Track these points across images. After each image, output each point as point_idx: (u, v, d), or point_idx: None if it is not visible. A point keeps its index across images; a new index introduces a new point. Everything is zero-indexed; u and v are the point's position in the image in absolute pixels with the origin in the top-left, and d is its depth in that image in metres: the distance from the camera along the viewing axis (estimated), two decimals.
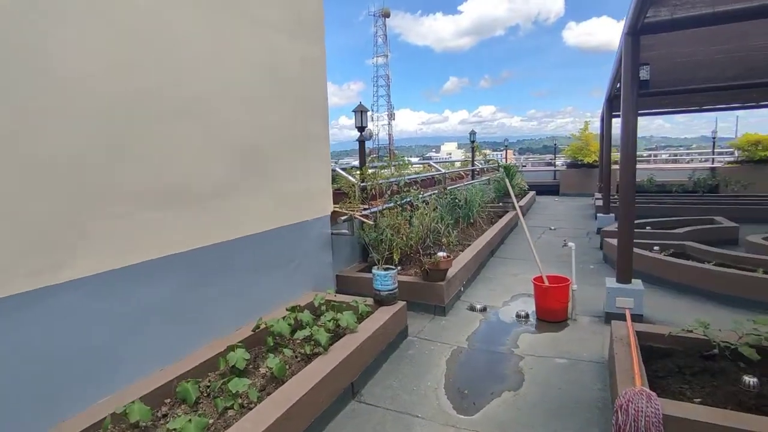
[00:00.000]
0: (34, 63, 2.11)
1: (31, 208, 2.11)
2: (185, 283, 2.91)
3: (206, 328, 3.06)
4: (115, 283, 2.47)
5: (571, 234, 8.72)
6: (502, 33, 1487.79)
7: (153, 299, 2.69)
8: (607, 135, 8.44)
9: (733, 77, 7.19)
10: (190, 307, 2.95)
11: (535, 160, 24.78)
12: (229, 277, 3.29)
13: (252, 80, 3.52)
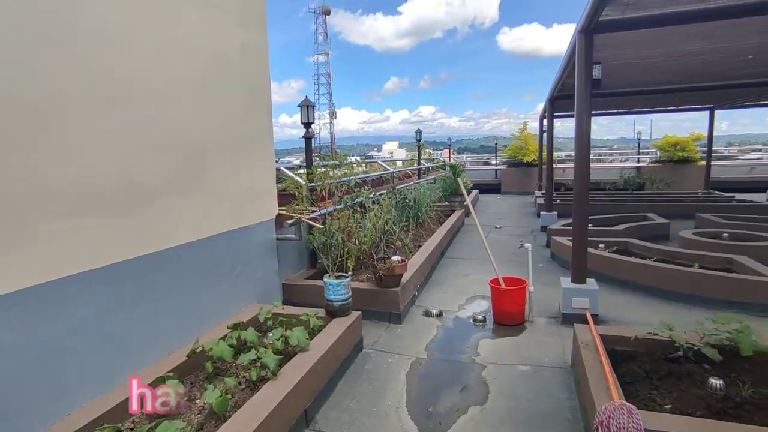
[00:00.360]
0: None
1: None
2: (105, 306, 2.44)
3: (132, 357, 2.59)
4: (9, 310, 1.98)
5: (516, 232, 8.85)
6: (440, 35, 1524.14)
7: (64, 328, 2.21)
8: (549, 135, 8.64)
9: (665, 81, 7.58)
10: (112, 334, 2.48)
11: (473, 160, 25.40)
12: (160, 293, 2.83)
13: (189, 66, 3.07)
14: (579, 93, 3.94)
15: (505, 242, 7.80)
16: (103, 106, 2.45)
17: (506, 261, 6.28)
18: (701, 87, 7.94)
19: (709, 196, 11.37)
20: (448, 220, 8.44)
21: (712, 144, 12.57)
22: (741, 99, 11.04)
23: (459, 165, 9.55)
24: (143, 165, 2.72)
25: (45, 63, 2.16)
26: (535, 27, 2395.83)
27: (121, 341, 2.54)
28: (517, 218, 10.74)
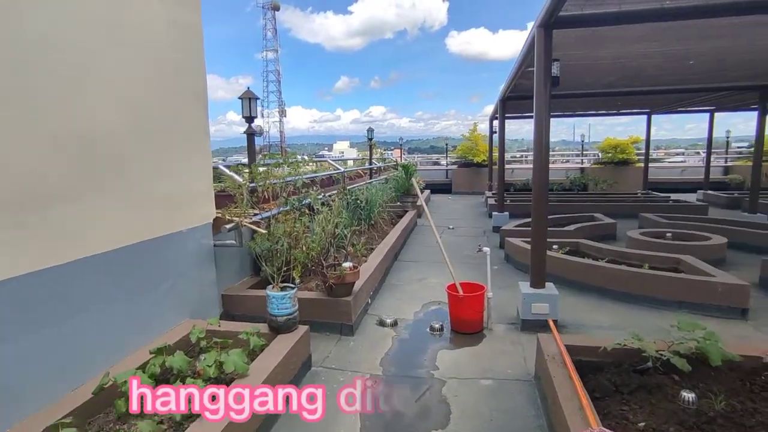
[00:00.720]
0: None
1: None
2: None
3: (20, 400, 2.10)
4: None
5: (469, 233, 8.77)
6: (390, 36, 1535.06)
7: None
8: (501, 136, 8.64)
9: (610, 84, 7.74)
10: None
11: (424, 160, 25.54)
12: (62, 316, 2.34)
13: (99, 41, 2.58)
14: (538, 91, 3.79)
15: (459, 243, 7.67)
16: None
17: (461, 263, 6.13)
18: (646, 91, 8.20)
19: (648, 196, 11.90)
20: (401, 221, 8.21)
21: (650, 147, 13.20)
22: (675, 104, 11.65)
23: (412, 165, 9.37)
24: (37, 163, 2.23)
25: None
26: (482, 31, 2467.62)
27: (4, 382, 2.05)
28: (470, 218, 10.71)
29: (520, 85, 7.40)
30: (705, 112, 12.56)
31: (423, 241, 7.90)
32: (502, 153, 8.78)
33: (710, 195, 12.38)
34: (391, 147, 73.22)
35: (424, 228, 9.17)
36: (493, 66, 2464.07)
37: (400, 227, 7.47)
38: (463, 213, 11.73)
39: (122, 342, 2.76)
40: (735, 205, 11.23)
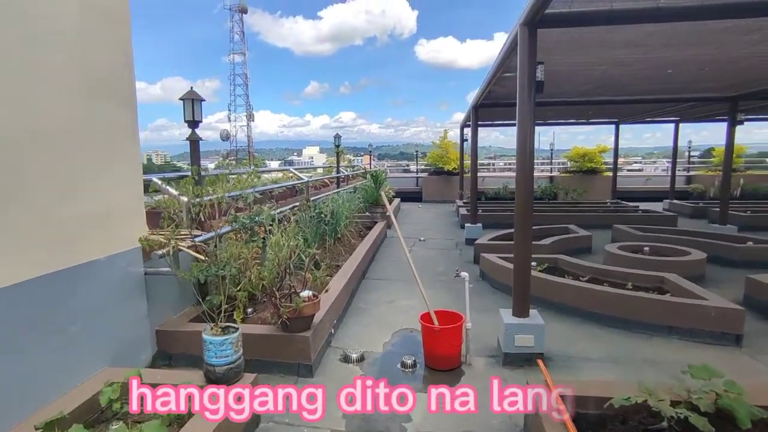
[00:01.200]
0: None
1: None
2: None
3: None
4: None
5: (441, 245, 8.36)
6: (360, 42, 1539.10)
7: None
8: (473, 143, 8.31)
9: (584, 93, 7.53)
10: None
11: (393, 167, 25.25)
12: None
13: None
14: (521, 97, 3.38)
15: (432, 258, 7.24)
16: None
17: (434, 282, 5.69)
18: (621, 101, 8.06)
19: (618, 206, 11.86)
20: (369, 233, 7.72)
21: (618, 156, 13.25)
22: (644, 114, 11.70)
23: (381, 173, 8.92)
24: None
25: None
26: (451, 40, 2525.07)
27: None
28: (441, 229, 10.33)
29: (494, 92, 7.07)
30: (670, 122, 12.70)
31: (393, 255, 7.43)
32: (474, 161, 8.43)
33: (676, 204, 12.48)
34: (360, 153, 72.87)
35: (394, 240, 8.71)
36: (461, 75, 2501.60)
37: (368, 241, 6.97)
38: (434, 223, 11.35)
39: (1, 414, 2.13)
40: (700, 215, 11.34)
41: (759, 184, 14.52)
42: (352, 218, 7.89)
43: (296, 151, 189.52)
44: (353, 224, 7.92)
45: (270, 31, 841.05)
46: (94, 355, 2.68)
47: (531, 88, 3.32)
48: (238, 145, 71.13)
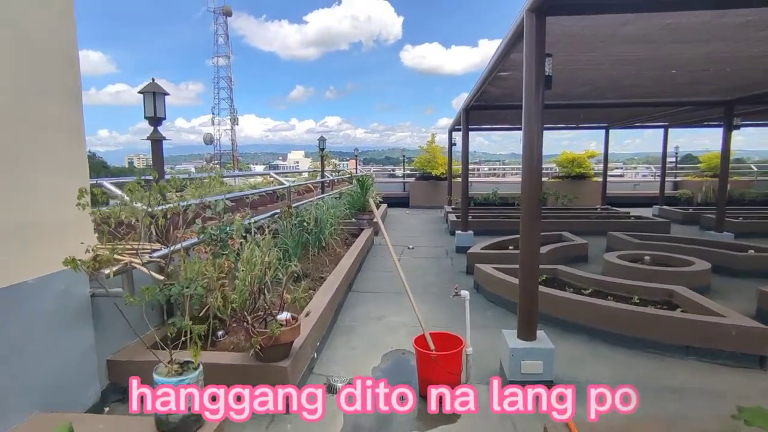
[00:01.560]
0: None
1: None
2: None
3: None
4: None
5: (431, 253, 7.97)
6: (346, 47, 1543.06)
7: None
8: (464, 147, 7.96)
9: (580, 95, 7.25)
10: None
11: (379, 171, 24.95)
12: None
13: None
14: (528, 93, 3.01)
15: (422, 267, 6.84)
16: None
17: (425, 294, 5.29)
18: (620, 104, 7.79)
19: (609, 212, 11.65)
20: (356, 242, 7.29)
21: (608, 161, 13.08)
22: (634, 119, 11.53)
23: (368, 178, 8.50)
24: None
25: None
26: (436, 46, 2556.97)
27: None
28: (430, 236, 9.94)
29: (487, 93, 6.73)
30: (659, 127, 12.58)
31: (380, 265, 7.00)
32: (465, 166, 8.07)
33: (666, 210, 12.33)
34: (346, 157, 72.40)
35: (381, 248, 8.29)
36: (446, 80, 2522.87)
37: (355, 250, 6.54)
38: (422, 229, 10.97)
39: None
40: (691, 221, 11.16)
41: (743, 189, 14.50)
42: (338, 225, 7.46)
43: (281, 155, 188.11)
44: (339, 232, 7.50)
45: (256, 35, 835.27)
46: (19, 399, 2.20)
47: (539, 84, 2.95)
48: (222, 149, 70.43)
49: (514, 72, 5.44)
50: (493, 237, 7.89)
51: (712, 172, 15.45)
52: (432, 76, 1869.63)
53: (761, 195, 13.98)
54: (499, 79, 5.81)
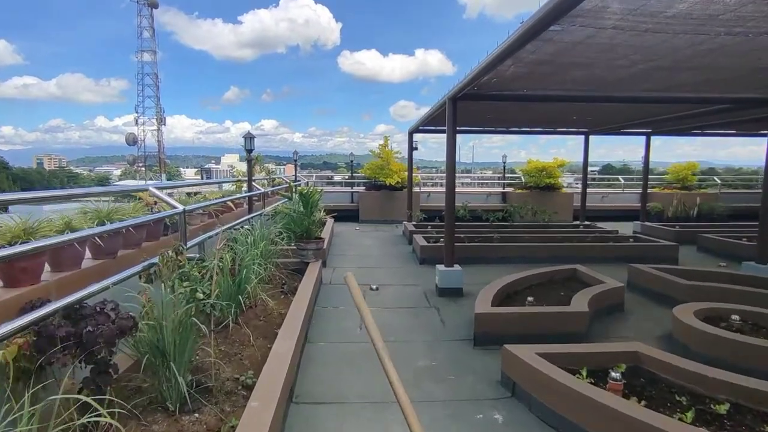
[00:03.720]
0: None
1: None
2: None
3: None
4: None
5: (405, 298, 5.71)
6: (283, 51, 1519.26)
7: None
8: (449, 149, 5.79)
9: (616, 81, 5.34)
10: None
11: (321, 176, 22.74)
12: None
13: None
14: None
15: (399, 330, 4.55)
16: None
17: (421, 395, 2.99)
18: (660, 98, 5.96)
19: (595, 231, 10.04)
20: (300, 288, 4.87)
21: (587, 171, 11.58)
22: (616, 125, 10.07)
23: (316, 192, 6.06)
24: None
25: None
26: (374, 53, 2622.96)
27: None
28: (394, 265, 7.67)
29: (498, 76, 4.62)
30: (640, 134, 11.27)
31: (336, 329, 4.63)
32: (451, 175, 5.90)
33: (651, 228, 10.98)
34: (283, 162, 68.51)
35: (333, 289, 5.92)
36: (384, 88, 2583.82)
37: (297, 307, 4.13)
38: (381, 254, 8.68)
39: None
40: (686, 241, 9.71)
41: (711, 203, 13.69)
42: (269, 265, 5.02)
43: (214, 158, 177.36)
44: (273, 272, 5.07)
45: (186, 32, 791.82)
46: None
47: None
48: (147, 151, 64.62)
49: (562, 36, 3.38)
50: (478, 267, 5.96)
51: (681, 183, 14.60)
52: (370, 83, 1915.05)
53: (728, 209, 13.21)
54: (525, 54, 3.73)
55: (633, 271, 6.16)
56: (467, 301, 5.54)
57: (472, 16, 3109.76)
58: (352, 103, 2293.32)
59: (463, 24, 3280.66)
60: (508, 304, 4.76)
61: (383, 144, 13.52)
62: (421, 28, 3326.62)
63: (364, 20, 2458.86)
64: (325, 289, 6.07)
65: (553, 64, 4.33)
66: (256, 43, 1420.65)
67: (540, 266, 5.95)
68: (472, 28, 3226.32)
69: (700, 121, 9.23)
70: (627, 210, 14.61)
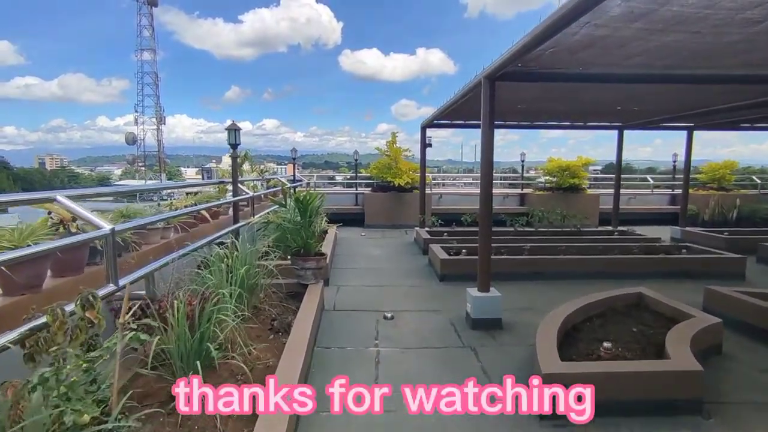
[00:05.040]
0: None
1: None
2: None
3: None
4: None
5: (428, 332, 4.48)
6: (284, 50, 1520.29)
7: None
8: (486, 142, 4.54)
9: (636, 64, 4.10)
10: None
11: (322, 176, 21.67)
12: None
13: None
14: None
15: (426, 378, 3.31)
16: None
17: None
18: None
19: (632, 237, 8.82)
20: (295, 327, 3.67)
21: (621, 171, 10.33)
22: (656, 118, 8.82)
23: (315, 197, 4.83)
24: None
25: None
26: (375, 52, 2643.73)
27: None
28: (409, 282, 6.44)
29: (561, 41, 3.39)
30: (681, 129, 10.02)
31: (348, 370, 3.41)
32: (488, 177, 4.67)
33: (692, 234, 9.72)
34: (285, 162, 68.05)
35: (337, 318, 4.70)
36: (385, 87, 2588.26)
37: (292, 358, 2.93)
38: (392, 267, 7.45)
39: None
40: (739, 249, 8.40)
41: (753, 205, 12.41)
42: (257, 291, 3.83)
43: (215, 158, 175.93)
44: (257, 301, 3.89)
45: (186, 32, 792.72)
46: None
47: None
48: (147, 150, 63.88)
49: None
50: (509, 286, 4.90)
51: (717, 184, 13.34)
52: (371, 82, 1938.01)
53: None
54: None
55: (714, 295, 4.93)
56: (510, 337, 4.33)
57: (474, 15, 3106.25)
58: (354, 102, 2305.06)
59: (464, 23, 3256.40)
60: (571, 348, 3.56)
61: (391, 141, 12.29)
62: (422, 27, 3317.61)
63: (365, 19, 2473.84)
64: (328, 317, 4.86)
65: (646, 20, 3.09)
66: (257, 42, 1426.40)
67: (583, 285, 4.82)
68: (473, 26, 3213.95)
69: (760, 112, 8.01)
70: (656, 213, 13.40)
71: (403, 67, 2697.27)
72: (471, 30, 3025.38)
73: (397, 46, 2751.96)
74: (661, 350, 3.45)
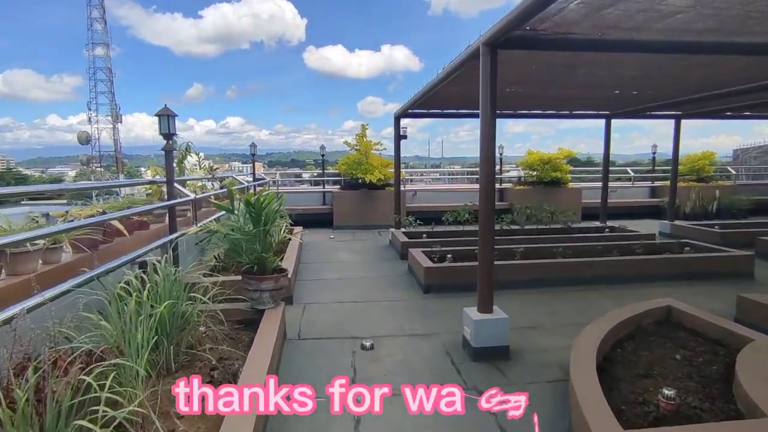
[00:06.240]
0: None
1: None
2: None
3: None
4: None
5: (419, 364, 3.56)
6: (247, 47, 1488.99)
7: None
8: (488, 126, 3.63)
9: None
10: None
11: (286, 174, 20.53)
12: None
13: None
14: None
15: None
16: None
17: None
18: None
19: (630, 234, 8.18)
20: (243, 373, 2.64)
21: (609, 163, 9.72)
22: (642, 107, 8.22)
23: (272, 200, 3.77)
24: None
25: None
26: (340, 49, 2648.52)
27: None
28: (388, 295, 5.48)
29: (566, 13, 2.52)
30: (669, 118, 9.49)
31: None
32: (489, 174, 3.78)
33: (682, 228, 9.22)
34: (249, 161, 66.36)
35: (302, 351, 3.70)
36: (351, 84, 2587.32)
37: None
38: (367, 275, 6.49)
39: None
40: (734, 244, 7.86)
41: (730, 196, 12.17)
42: (190, 330, 2.80)
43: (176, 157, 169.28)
44: (197, 337, 2.86)
45: (143, 27, 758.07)
46: None
47: None
48: (102, 150, 60.48)
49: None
50: (503, 296, 3.98)
51: (696, 176, 13.03)
52: (336, 79, 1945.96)
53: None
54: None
55: (748, 305, 4.23)
56: (523, 372, 3.45)
57: (437, 13, 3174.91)
58: (320, 99, 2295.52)
59: (428, 20, 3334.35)
60: (612, 392, 2.71)
61: (360, 134, 11.29)
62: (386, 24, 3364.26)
63: (330, 15, 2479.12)
64: (291, 351, 3.85)
65: None
66: (219, 38, 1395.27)
67: (588, 293, 4.14)
68: (437, 24, 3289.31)
69: (750, 99, 7.51)
70: (636, 206, 12.99)
71: (368, 63, 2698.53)
72: (435, 27, 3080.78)
73: (362, 43, 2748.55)
74: (727, 390, 2.66)
